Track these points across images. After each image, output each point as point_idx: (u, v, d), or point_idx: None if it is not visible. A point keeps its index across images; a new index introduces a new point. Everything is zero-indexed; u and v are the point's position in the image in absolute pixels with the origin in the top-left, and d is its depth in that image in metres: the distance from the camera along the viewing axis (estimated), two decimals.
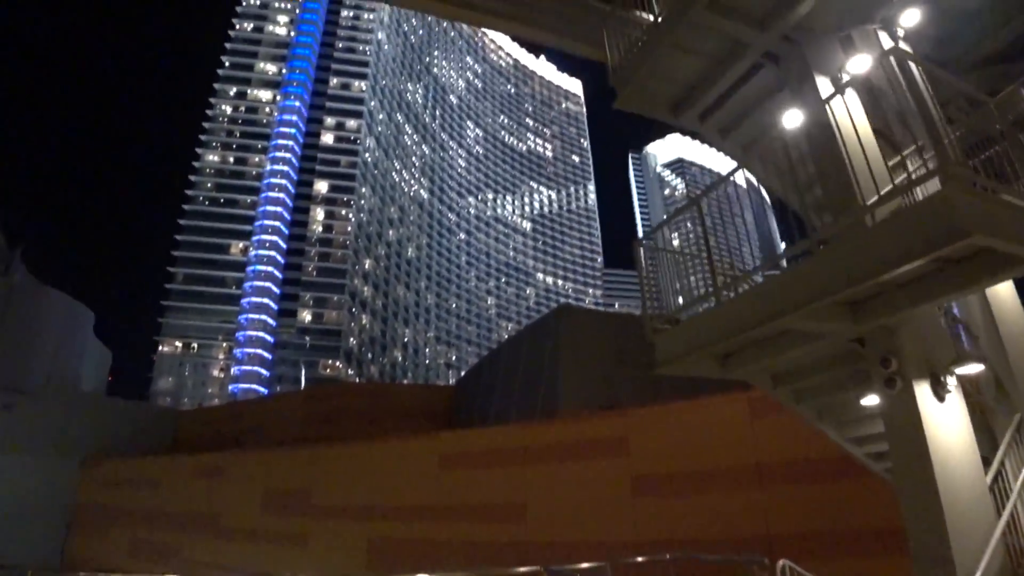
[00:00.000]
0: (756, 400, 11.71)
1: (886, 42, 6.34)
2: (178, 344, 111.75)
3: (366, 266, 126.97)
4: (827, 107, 5.10)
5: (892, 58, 4.63)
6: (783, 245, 7.45)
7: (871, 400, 5.98)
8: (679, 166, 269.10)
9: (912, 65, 4.65)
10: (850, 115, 4.97)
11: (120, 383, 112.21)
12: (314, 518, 22.98)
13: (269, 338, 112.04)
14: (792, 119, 6.59)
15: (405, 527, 18.55)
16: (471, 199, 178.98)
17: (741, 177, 7.58)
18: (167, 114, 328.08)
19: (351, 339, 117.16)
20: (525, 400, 20.24)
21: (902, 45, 6.09)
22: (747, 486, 11.53)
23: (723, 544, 10.95)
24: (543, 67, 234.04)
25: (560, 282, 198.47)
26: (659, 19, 7.27)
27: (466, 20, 10.73)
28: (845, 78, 6.24)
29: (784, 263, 6.12)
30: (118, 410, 54.46)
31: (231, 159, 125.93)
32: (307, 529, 23.15)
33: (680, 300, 7.29)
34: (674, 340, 6.44)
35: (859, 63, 6.32)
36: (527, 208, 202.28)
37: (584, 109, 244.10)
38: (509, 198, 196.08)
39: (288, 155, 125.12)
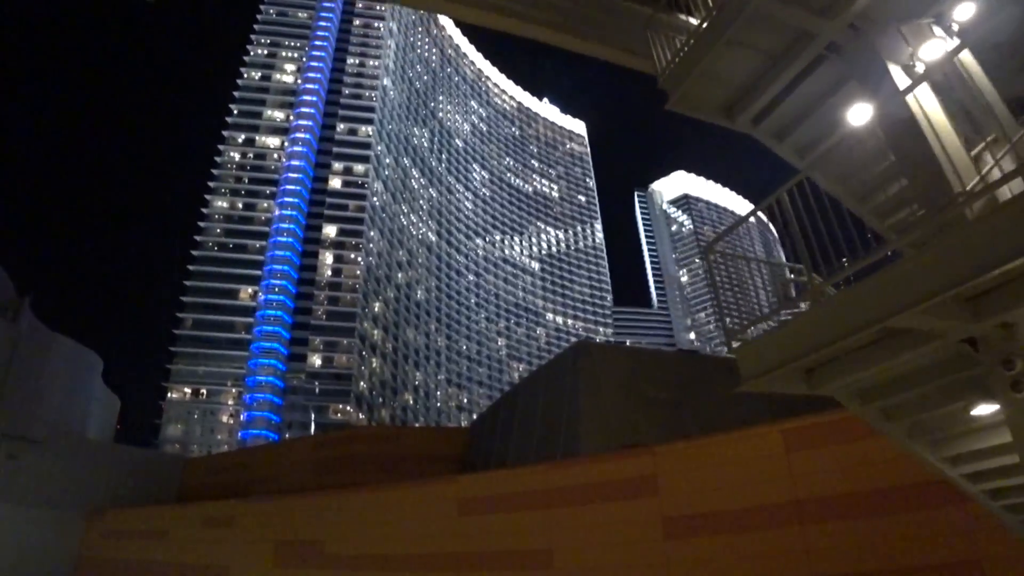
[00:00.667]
0: (790, 433, 11.26)
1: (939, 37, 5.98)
2: (187, 390, 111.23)
3: (375, 309, 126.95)
4: (910, 97, 4.78)
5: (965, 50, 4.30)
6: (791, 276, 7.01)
7: (985, 410, 5.43)
8: (684, 202, 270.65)
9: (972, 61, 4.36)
10: (922, 106, 4.64)
11: (129, 430, 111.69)
12: (329, 569, 22.15)
13: (279, 383, 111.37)
14: (860, 114, 6.18)
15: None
16: (479, 240, 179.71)
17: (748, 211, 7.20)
18: (176, 161, 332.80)
19: (361, 383, 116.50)
20: (544, 441, 19.70)
21: (955, 40, 5.74)
22: (786, 524, 10.99)
23: None
24: (546, 109, 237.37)
25: (570, 321, 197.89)
26: (713, 14, 6.85)
27: (509, 28, 10.59)
28: (919, 67, 5.80)
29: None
30: (124, 458, 53.70)
31: (240, 205, 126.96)
32: None
33: (755, 310, 6.77)
34: (760, 353, 5.85)
35: (931, 50, 5.86)
36: (535, 248, 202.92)
37: (588, 149, 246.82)
38: (517, 239, 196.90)
39: (296, 200, 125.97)
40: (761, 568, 10.99)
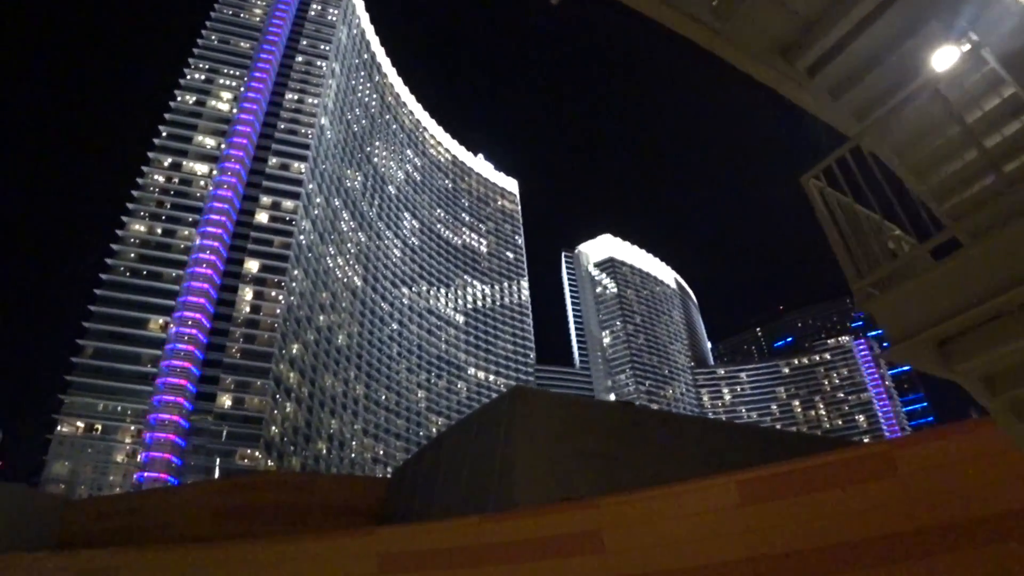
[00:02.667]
0: (746, 484, 10.62)
1: None
2: (80, 424, 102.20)
3: (293, 351, 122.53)
4: None
5: None
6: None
7: None
8: (610, 265, 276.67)
9: None
10: None
11: (10, 466, 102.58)
12: None
13: (184, 423, 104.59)
14: (946, 58, 5.33)
15: None
16: (405, 289, 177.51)
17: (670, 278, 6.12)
18: (94, 180, 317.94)
19: (273, 428, 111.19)
20: (474, 492, 18.53)
21: None
22: None
23: None
24: (480, 165, 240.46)
25: (492, 376, 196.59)
26: None
27: None
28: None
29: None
30: None
31: (159, 230, 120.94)
32: None
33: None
34: (896, 310, 4.64)
35: None
36: (460, 301, 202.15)
37: (519, 207, 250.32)
38: (443, 290, 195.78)
39: (220, 231, 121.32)
40: None
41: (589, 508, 12.23)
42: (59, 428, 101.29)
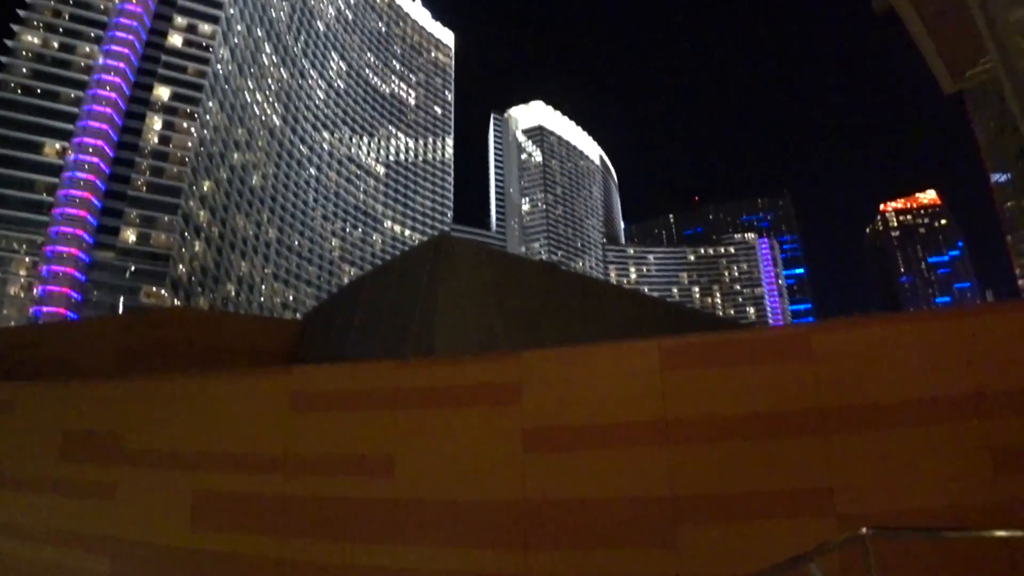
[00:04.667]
0: (669, 350, 10.72)
1: None
2: None
3: (204, 188, 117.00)
4: None
5: None
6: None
7: None
8: (538, 134, 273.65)
9: None
10: None
11: None
12: (126, 466, 19.49)
13: (85, 257, 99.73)
14: None
15: (245, 479, 16.03)
16: (326, 134, 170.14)
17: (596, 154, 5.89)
18: None
19: (180, 266, 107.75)
20: (392, 341, 18.23)
21: None
22: (651, 443, 10.55)
23: (621, 503, 10.01)
24: (417, 11, 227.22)
25: (408, 232, 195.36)
26: None
27: None
28: None
29: None
30: None
31: (55, 44, 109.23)
32: (117, 479, 19.65)
33: None
34: None
35: None
36: (382, 152, 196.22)
37: (453, 62, 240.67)
38: (365, 139, 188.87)
39: (126, 50, 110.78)
40: (621, 485, 10.55)
41: (510, 360, 12.20)
42: None
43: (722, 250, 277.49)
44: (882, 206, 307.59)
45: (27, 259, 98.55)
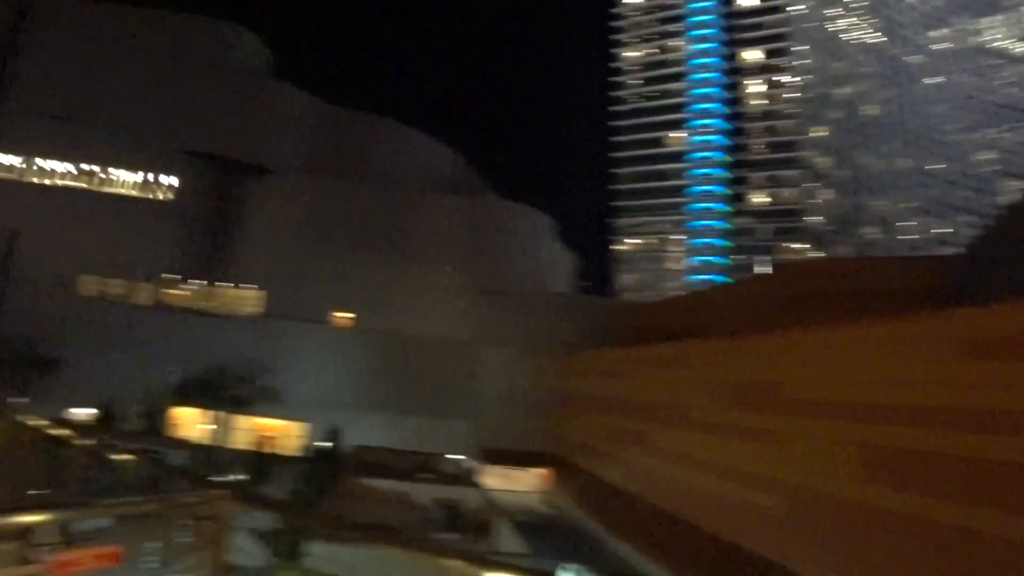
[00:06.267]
0: None
1: None
2: (633, 241, 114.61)
3: (818, 135, 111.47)
4: None
5: None
6: None
7: None
8: None
9: None
10: None
11: (587, 283, 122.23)
12: (788, 415, 19.97)
13: (722, 225, 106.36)
14: None
15: (916, 434, 13.78)
16: (940, 31, 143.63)
17: None
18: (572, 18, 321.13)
19: (812, 217, 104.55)
20: None
21: None
22: None
23: None
24: None
25: None
26: None
27: None
28: None
29: None
30: (583, 306, 59.75)
31: (651, 50, 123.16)
32: (780, 427, 20.36)
33: None
34: None
35: None
36: (1021, 26, 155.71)
37: None
38: (992, 19, 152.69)
39: (707, 30, 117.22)
40: None
41: None
42: (617, 247, 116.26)
43: None
44: None
45: (674, 237, 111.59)
